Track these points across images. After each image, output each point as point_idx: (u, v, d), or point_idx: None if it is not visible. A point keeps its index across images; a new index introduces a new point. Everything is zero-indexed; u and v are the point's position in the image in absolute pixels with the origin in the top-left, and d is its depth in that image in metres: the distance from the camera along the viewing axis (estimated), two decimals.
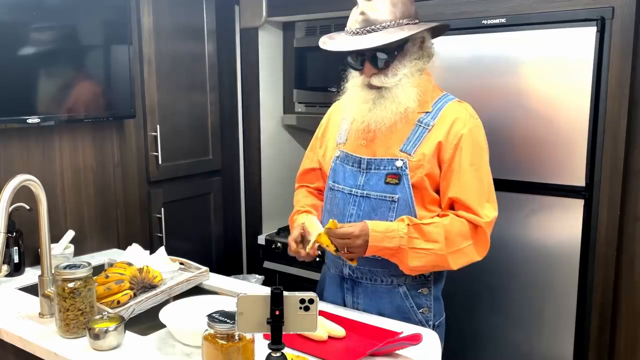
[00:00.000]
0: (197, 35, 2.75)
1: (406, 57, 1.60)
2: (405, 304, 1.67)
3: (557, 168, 2.00)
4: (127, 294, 1.69)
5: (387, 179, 1.62)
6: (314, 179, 1.88)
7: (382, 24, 1.55)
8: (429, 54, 1.66)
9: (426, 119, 1.62)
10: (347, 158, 1.70)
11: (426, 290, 1.69)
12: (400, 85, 1.59)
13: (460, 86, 2.16)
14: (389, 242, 1.53)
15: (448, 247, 1.55)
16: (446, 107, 1.64)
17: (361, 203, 1.64)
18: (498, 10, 2.07)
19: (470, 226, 1.58)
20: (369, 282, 1.69)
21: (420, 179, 1.60)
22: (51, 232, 1.71)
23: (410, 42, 1.60)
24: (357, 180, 1.66)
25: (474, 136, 1.61)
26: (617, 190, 1.93)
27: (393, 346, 1.40)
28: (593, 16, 1.88)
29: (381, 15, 1.55)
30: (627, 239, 1.98)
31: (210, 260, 2.94)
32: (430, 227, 1.55)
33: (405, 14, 1.59)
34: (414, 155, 1.60)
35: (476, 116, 1.66)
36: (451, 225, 1.56)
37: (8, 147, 2.07)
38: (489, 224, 1.60)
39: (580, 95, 1.93)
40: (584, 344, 2.04)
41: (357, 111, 1.64)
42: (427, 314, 1.69)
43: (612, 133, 1.91)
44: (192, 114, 2.77)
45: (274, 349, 1.14)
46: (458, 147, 1.58)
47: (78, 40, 2.16)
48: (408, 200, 1.60)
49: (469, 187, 1.59)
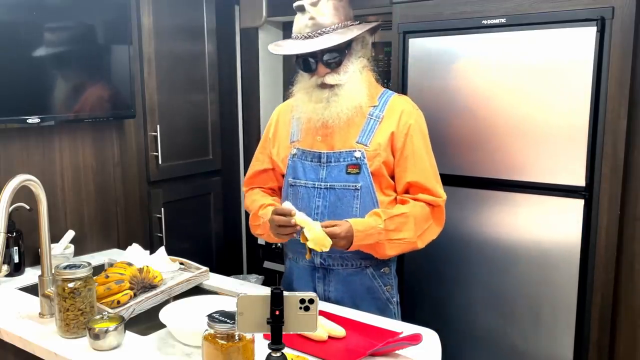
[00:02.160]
0: (197, 35, 2.75)
1: (352, 55, 1.74)
2: (374, 284, 1.80)
3: (557, 168, 2.00)
4: (127, 294, 1.69)
5: (348, 170, 1.74)
6: (266, 180, 1.94)
7: (331, 26, 1.70)
8: (370, 52, 1.81)
9: (375, 112, 1.76)
10: (305, 154, 1.79)
11: (387, 269, 1.82)
12: (350, 81, 1.72)
13: (460, 86, 2.16)
14: (369, 239, 1.65)
15: (417, 232, 1.70)
16: (391, 100, 1.78)
17: (326, 195, 1.75)
18: (498, 10, 2.07)
19: (429, 208, 1.74)
20: (341, 267, 1.78)
21: (378, 167, 1.73)
22: (51, 232, 1.71)
23: (355, 41, 1.74)
24: (318, 174, 1.77)
25: (420, 125, 1.78)
26: (617, 191, 1.93)
27: (393, 346, 1.40)
28: (593, 16, 1.88)
29: (329, 19, 1.70)
30: (627, 239, 1.98)
31: (210, 260, 2.94)
32: (401, 219, 1.69)
33: (347, 17, 1.75)
34: (370, 146, 1.73)
35: (417, 107, 1.82)
36: (415, 211, 1.71)
37: (8, 147, 2.07)
38: (444, 201, 1.77)
39: (580, 95, 1.93)
40: (584, 344, 2.04)
41: (312, 110, 1.75)
42: (391, 291, 1.83)
43: (612, 133, 1.91)
44: (192, 114, 2.77)
45: (274, 349, 1.14)
46: (408, 136, 1.74)
47: (78, 40, 2.16)
48: (369, 188, 1.73)
49: (425, 170, 1.75)
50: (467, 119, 2.16)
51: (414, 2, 2.24)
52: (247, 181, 1.98)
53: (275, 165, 1.88)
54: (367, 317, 1.64)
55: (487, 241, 2.17)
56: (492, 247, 2.17)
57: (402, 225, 1.68)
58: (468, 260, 2.22)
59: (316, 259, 1.79)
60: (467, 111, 2.15)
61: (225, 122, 3.01)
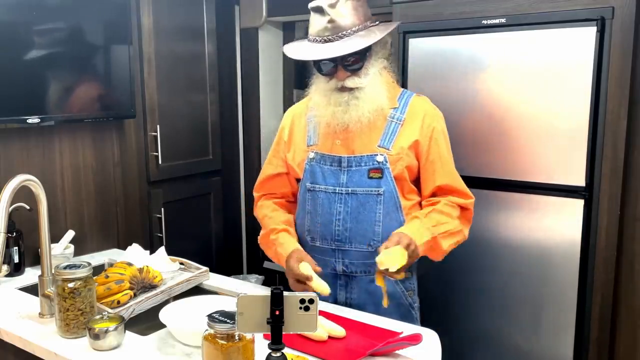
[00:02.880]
0: (197, 35, 2.75)
1: (373, 57, 1.68)
2: (397, 289, 1.74)
3: (557, 168, 2.00)
4: (127, 294, 1.69)
5: (370, 174, 1.69)
6: (279, 185, 1.88)
7: (352, 28, 1.63)
8: (390, 52, 1.77)
9: (396, 114, 1.72)
10: (324, 158, 1.74)
11: (409, 274, 1.78)
12: (371, 84, 1.67)
13: (460, 86, 2.16)
14: (424, 237, 1.63)
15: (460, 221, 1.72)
16: (411, 102, 1.74)
17: (347, 200, 1.70)
18: (498, 10, 2.07)
19: (458, 208, 1.73)
20: (363, 274, 1.73)
21: (401, 171, 1.69)
22: (51, 232, 1.71)
23: (376, 44, 1.67)
24: (339, 179, 1.72)
25: (442, 127, 1.75)
26: (617, 191, 1.93)
27: (393, 346, 1.40)
28: (593, 16, 1.88)
29: (349, 20, 1.63)
30: (627, 239, 1.98)
31: (210, 260, 2.94)
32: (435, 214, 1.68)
33: (367, 16, 1.69)
34: (392, 149, 1.69)
35: (436, 107, 1.78)
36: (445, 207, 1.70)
37: (8, 147, 2.07)
38: (473, 203, 1.77)
39: (580, 96, 1.93)
40: (584, 344, 2.04)
41: (332, 114, 1.69)
42: (413, 296, 1.79)
43: (612, 133, 1.91)
44: (192, 114, 2.77)
45: (274, 349, 1.14)
46: (433, 139, 1.71)
47: (78, 40, 2.16)
48: (393, 192, 1.69)
49: (452, 173, 1.73)
50: (467, 119, 2.16)
51: (414, 2, 2.24)
52: (259, 186, 1.91)
53: (290, 169, 1.83)
54: (367, 317, 1.64)
55: (487, 241, 2.17)
56: (492, 247, 2.17)
57: (440, 218, 1.68)
58: (468, 260, 2.22)
59: (338, 266, 1.74)
60: (467, 111, 2.16)
61: (225, 122, 3.01)
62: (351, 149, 1.71)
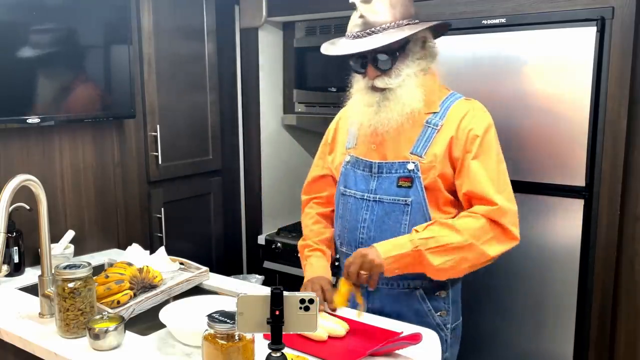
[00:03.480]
0: (197, 35, 2.75)
1: (409, 57, 1.59)
2: (423, 308, 1.66)
3: (557, 168, 2.00)
4: (127, 294, 1.69)
5: (400, 182, 1.60)
6: (324, 186, 1.85)
7: (381, 25, 1.55)
8: (432, 54, 1.65)
9: (434, 119, 1.61)
10: (358, 163, 1.69)
11: (444, 293, 1.67)
12: (404, 85, 1.58)
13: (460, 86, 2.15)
14: (401, 249, 1.50)
15: (470, 237, 1.51)
16: (454, 106, 1.62)
17: (374, 208, 1.64)
18: (498, 10, 2.07)
19: (485, 219, 1.54)
20: (385, 287, 1.67)
21: (434, 181, 1.58)
22: (51, 232, 1.71)
23: (412, 42, 1.59)
24: (369, 185, 1.65)
25: (485, 130, 1.59)
26: (617, 190, 1.93)
27: (393, 346, 1.40)
28: (593, 16, 1.88)
29: (380, 17, 1.55)
30: (627, 239, 1.98)
31: (210, 260, 2.94)
32: (437, 225, 1.54)
33: (405, 15, 1.58)
34: (425, 157, 1.59)
35: (484, 109, 1.65)
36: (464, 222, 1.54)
37: (8, 147, 2.07)
38: (501, 209, 1.54)
39: (580, 96, 1.93)
40: (584, 344, 2.04)
41: (363, 115, 1.62)
42: (445, 316, 1.68)
43: (612, 133, 1.91)
44: (192, 114, 2.76)
45: (274, 349, 1.14)
46: (467, 142, 1.57)
47: (78, 40, 2.16)
48: (422, 203, 1.59)
49: (480, 176, 1.55)
50: None
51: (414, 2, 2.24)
52: (306, 188, 1.89)
53: (332, 171, 1.81)
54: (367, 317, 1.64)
55: None
56: None
57: (443, 230, 1.51)
58: None
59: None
60: None
61: (225, 122, 3.01)
62: (383, 155, 1.64)
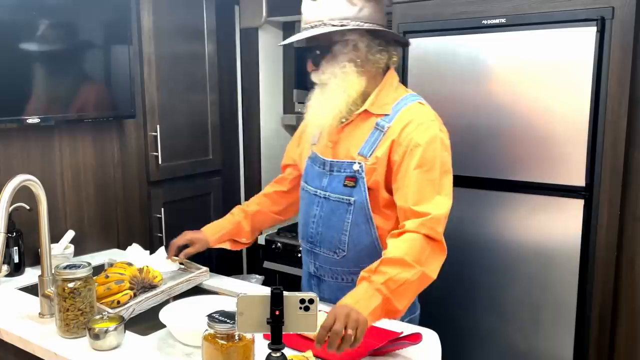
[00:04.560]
0: (197, 35, 2.75)
1: (337, 58, 1.61)
2: None
3: (557, 168, 2.00)
4: (127, 294, 1.69)
5: (346, 182, 1.64)
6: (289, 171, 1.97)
7: (311, 23, 1.60)
8: (372, 60, 1.63)
9: (383, 122, 1.61)
10: (316, 159, 1.74)
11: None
12: (330, 84, 1.62)
13: (460, 86, 2.16)
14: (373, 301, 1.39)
15: (419, 264, 1.45)
16: (404, 110, 1.61)
17: (323, 204, 1.69)
18: (498, 10, 2.07)
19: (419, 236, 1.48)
20: (332, 280, 1.73)
21: (376, 182, 1.60)
22: (51, 232, 1.71)
23: (340, 44, 1.60)
24: (321, 182, 1.70)
25: (428, 140, 1.54)
26: (617, 190, 1.93)
27: (393, 346, 1.40)
28: (593, 16, 1.88)
29: (313, 15, 1.60)
30: (627, 239, 1.98)
31: (210, 260, 2.94)
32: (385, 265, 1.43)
33: (339, 15, 1.57)
34: (370, 159, 1.60)
35: (433, 118, 1.61)
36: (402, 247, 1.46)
37: (8, 147, 2.07)
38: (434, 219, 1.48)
39: (580, 95, 1.93)
40: (584, 344, 2.04)
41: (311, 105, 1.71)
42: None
43: (612, 133, 1.91)
44: (192, 114, 2.76)
45: (274, 349, 1.14)
46: (407, 152, 1.55)
47: (78, 40, 2.16)
48: (364, 203, 1.61)
49: (415, 186, 1.52)
50: (467, 119, 2.16)
51: (414, 2, 2.24)
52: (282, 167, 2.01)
53: (298, 163, 1.88)
54: None
55: (487, 241, 2.17)
56: (492, 247, 2.17)
57: (391, 270, 1.42)
58: (468, 260, 2.22)
59: (311, 268, 1.78)
60: (467, 111, 2.15)
61: (225, 122, 3.01)
62: (336, 153, 1.68)
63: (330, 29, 1.57)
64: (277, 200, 1.96)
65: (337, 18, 1.58)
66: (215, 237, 1.90)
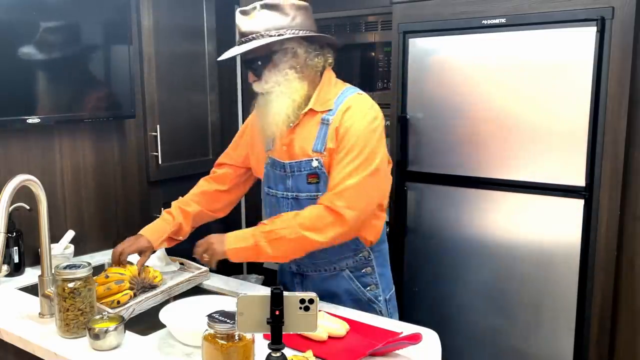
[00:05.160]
0: (197, 35, 2.75)
1: (278, 66, 1.68)
2: (352, 286, 1.78)
3: (557, 168, 2.00)
4: (127, 294, 1.69)
5: (309, 180, 1.71)
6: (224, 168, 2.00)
7: (248, 36, 1.66)
8: (310, 65, 1.70)
9: (328, 116, 1.69)
10: (275, 164, 1.78)
11: (369, 269, 1.79)
12: (273, 92, 1.68)
13: (460, 86, 2.16)
14: (243, 242, 1.66)
15: (305, 229, 1.61)
16: (345, 101, 1.70)
17: (294, 205, 1.74)
18: (498, 10, 2.07)
19: (323, 207, 1.62)
20: (315, 273, 1.80)
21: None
22: (51, 232, 1.71)
23: (280, 52, 1.67)
24: (285, 184, 1.76)
25: (364, 127, 1.64)
26: (617, 190, 1.93)
27: (393, 346, 1.40)
28: (593, 16, 1.88)
29: (248, 27, 1.66)
30: (627, 238, 1.98)
31: None
32: (280, 220, 1.66)
33: (275, 26, 1.65)
34: (325, 153, 1.68)
35: (369, 107, 1.69)
36: (307, 209, 1.64)
37: (8, 147, 2.06)
38: (338, 194, 1.61)
39: (580, 96, 1.93)
40: (584, 344, 2.04)
41: (257, 117, 1.76)
42: (376, 290, 1.80)
43: (612, 133, 1.91)
44: (192, 114, 2.77)
45: (274, 349, 1.14)
46: (343, 139, 1.64)
47: (78, 40, 2.16)
48: None
49: (339, 167, 1.63)
50: (467, 118, 2.16)
51: (414, 2, 2.25)
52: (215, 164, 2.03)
53: (256, 170, 1.92)
54: (367, 317, 1.64)
55: (487, 241, 2.17)
56: (492, 247, 2.17)
57: (283, 223, 1.63)
58: (468, 260, 2.22)
59: (292, 265, 1.83)
60: (467, 111, 2.16)
61: (225, 122, 3.01)
62: (292, 154, 1.73)
63: (269, 40, 1.63)
64: (216, 199, 1.99)
65: (273, 28, 1.65)
66: (158, 241, 1.90)
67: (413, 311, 2.36)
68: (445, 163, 2.23)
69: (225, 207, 2.03)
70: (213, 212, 2.00)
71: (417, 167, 2.31)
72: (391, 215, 2.41)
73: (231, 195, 2.02)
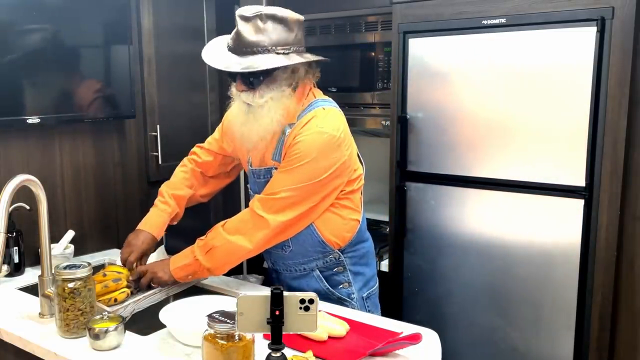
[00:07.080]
0: (197, 35, 2.75)
1: (276, 82, 1.66)
2: (321, 286, 1.82)
3: (557, 168, 2.00)
4: (124, 292, 1.69)
5: None
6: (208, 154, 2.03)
7: (253, 47, 1.61)
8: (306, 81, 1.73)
9: (288, 128, 1.70)
10: (250, 166, 1.84)
11: (341, 268, 1.82)
12: (266, 107, 1.67)
13: (460, 86, 2.16)
14: (185, 259, 1.75)
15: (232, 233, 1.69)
16: (305, 115, 1.69)
17: None
18: (498, 10, 2.07)
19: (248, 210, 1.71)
20: (287, 272, 1.86)
21: None
22: (51, 232, 1.71)
23: (281, 69, 1.65)
24: (256, 187, 1.82)
25: (313, 142, 1.63)
26: (617, 190, 1.93)
27: (393, 346, 1.40)
28: (593, 16, 1.88)
29: (254, 38, 1.61)
30: (627, 239, 1.98)
31: None
32: (214, 229, 1.74)
33: (281, 41, 1.63)
34: (282, 162, 1.71)
35: (327, 121, 1.67)
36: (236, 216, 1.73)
37: (8, 147, 2.07)
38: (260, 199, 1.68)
39: (580, 96, 1.93)
40: (584, 344, 2.04)
41: (236, 120, 1.77)
42: (348, 288, 1.84)
43: (612, 133, 1.91)
44: (192, 114, 2.77)
45: (274, 349, 1.14)
46: (289, 149, 1.66)
47: (78, 40, 2.16)
48: None
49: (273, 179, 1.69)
50: (467, 119, 2.16)
51: (414, 2, 2.25)
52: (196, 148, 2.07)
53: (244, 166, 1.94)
54: (367, 317, 1.64)
55: (487, 241, 2.17)
56: (492, 247, 2.17)
57: (213, 233, 1.72)
58: (468, 260, 2.22)
59: (268, 264, 1.92)
60: (467, 111, 2.16)
61: None
62: (258, 161, 1.79)
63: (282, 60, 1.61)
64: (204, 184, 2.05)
65: (279, 44, 1.63)
66: (159, 233, 1.97)
67: (413, 311, 2.36)
68: (445, 163, 2.23)
69: (211, 193, 2.10)
70: (201, 197, 2.07)
71: (417, 167, 2.31)
72: (391, 215, 2.41)
73: (221, 184, 2.09)
